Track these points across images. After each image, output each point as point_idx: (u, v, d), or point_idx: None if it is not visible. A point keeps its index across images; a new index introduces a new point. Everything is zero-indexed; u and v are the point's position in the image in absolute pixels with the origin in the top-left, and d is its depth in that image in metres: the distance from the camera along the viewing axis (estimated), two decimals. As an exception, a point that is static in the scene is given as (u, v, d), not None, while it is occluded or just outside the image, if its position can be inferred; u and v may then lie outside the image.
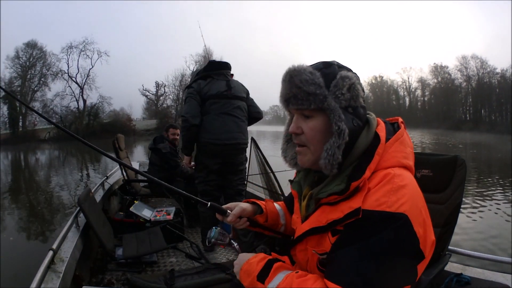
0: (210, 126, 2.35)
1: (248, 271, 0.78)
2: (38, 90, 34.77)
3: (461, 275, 1.27)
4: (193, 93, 2.39)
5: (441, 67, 53.41)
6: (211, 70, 2.48)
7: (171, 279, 1.73)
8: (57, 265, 1.46)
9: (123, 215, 2.66)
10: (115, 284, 1.91)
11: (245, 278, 0.79)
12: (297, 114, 0.74)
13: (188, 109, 2.36)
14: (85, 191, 2.20)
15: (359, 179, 0.65)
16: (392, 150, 0.70)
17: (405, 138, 0.73)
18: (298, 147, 0.75)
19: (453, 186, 1.21)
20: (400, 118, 0.79)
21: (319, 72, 0.70)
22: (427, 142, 23.57)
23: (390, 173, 0.65)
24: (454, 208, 1.19)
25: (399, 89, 60.62)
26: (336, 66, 0.72)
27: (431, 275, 1.07)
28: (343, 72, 0.70)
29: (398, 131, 0.73)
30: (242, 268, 0.80)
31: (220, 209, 0.91)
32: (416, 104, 59.00)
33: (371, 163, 0.67)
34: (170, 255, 2.34)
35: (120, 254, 2.08)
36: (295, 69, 0.70)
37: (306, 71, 0.69)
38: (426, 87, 56.74)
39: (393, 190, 0.63)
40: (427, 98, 57.05)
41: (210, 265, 1.95)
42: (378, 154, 0.68)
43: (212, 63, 2.54)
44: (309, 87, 0.68)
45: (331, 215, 0.68)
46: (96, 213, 2.16)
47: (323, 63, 0.73)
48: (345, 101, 0.69)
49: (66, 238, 1.78)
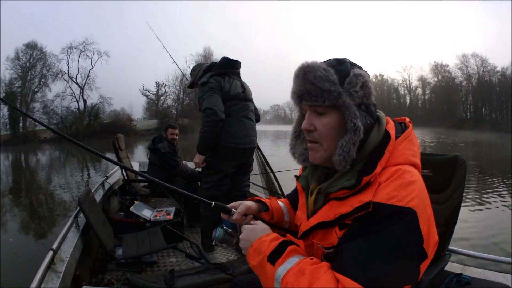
0: (232, 130, 2.23)
1: (259, 249, 0.73)
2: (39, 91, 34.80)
3: (461, 275, 1.27)
4: (216, 87, 2.21)
5: (441, 65, 53.35)
6: (229, 68, 2.32)
7: (171, 279, 1.73)
8: (57, 265, 1.46)
9: (123, 215, 2.66)
10: (115, 284, 1.91)
11: (254, 256, 0.73)
12: (310, 111, 0.73)
13: (215, 101, 2.15)
14: (85, 191, 2.20)
15: (370, 174, 0.66)
16: (402, 148, 0.71)
17: (413, 137, 0.75)
18: (310, 143, 0.75)
19: (453, 186, 1.21)
20: (407, 118, 0.81)
21: (332, 69, 0.70)
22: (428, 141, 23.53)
23: (401, 169, 0.66)
24: (454, 208, 1.19)
25: (399, 88, 60.54)
26: (348, 64, 0.72)
27: (431, 275, 1.07)
28: (356, 70, 0.71)
29: (407, 130, 0.75)
30: (252, 245, 0.74)
31: (225, 208, 0.90)
32: (417, 103, 58.87)
33: (382, 159, 0.68)
34: (170, 255, 2.34)
35: (120, 254, 2.08)
36: (308, 65, 0.70)
37: (320, 67, 0.69)
38: (427, 86, 56.70)
39: (403, 185, 0.64)
40: (427, 96, 56.97)
41: (210, 265, 1.95)
42: (389, 151, 0.70)
43: (228, 60, 2.35)
44: (324, 84, 0.68)
45: (340, 209, 0.69)
46: (96, 213, 2.16)
47: (336, 60, 0.73)
48: (359, 99, 0.70)
49: (66, 238, 1.79)
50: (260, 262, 0.71)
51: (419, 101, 58.72)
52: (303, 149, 0.83)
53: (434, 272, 1.09)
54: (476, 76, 48.49)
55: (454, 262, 1.40)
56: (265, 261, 0.70)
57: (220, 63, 2.34)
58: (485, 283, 1.26)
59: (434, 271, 1.09)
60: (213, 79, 2.23)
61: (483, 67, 47.77)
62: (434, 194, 1.23)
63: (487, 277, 1.30)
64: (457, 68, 50.57)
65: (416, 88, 58.77)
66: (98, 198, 2.64)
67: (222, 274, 1.80)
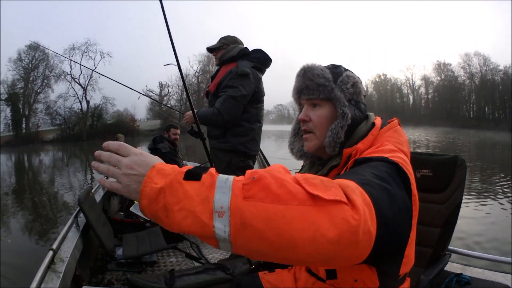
0: (259, 138, 2.07)
1: (165, 170, 0.49)
2: (41, 92, 35.02)
3: (461, 275, 1.27)
4: (247, 90, 1.90)
5: (444, 64, 53.10)
6: (263, 65, 2.03)
7: (171, 279, 1.73)
8: (57, 265, 1.47)
9: (123, 215, 2.67)
10: (115, 284, 1.91)
11: (159, 178, 0.48)
12: (307, 104, 0.83)
13: (249, 89, 1.89)
14: (85, 191, 2.21)
15: (351, 147, 0.73)
16: (386, 135, 0.76)
17: (398, 128, 0.80)
18: (305, 134, 0.83)
19: (453, 186, 1.21)
20: (396, 118, 0.86)
21: (328, 70, 0.81)
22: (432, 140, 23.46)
23: (384, 143, 0.72)
24: (454, 208, 1.19)
25: (402, 87, 60.24)
26: (342, 68, 0.84)
27: (431, 275, 1.06)
28: (348, 72, 0.82)
29: (392, 122, 0.82)
30: (156, 166, 0.50)
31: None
32: (420, 102, 58.62)
33: (365, 139, 0.75)
34: (170, 255, 2.35)
35: (120, 254, 2.09)
36: (308, 66, 0.81)
37: (318, 67, 0.80)
38: (430, 85, 56.44)
39: (385, 150, 0.68)
40: (430, 96, 56.73)
41: (210, 265, 1.95)
42: (372, 135, 0.76)
43: (265, 56, 2.04)
44: (320, 80, 0.79)
45: None
46: (96, 213, 2.17)
47: (332, 64, 0.84)
48: (349, 94, 0.80)
49: (66, 238, 1.80)
50: (171, 180, 0.46)
51: (422, 100, 58.50)
52: (301, 145, 0.89)
53: (434, 272, 1.08)
54: (478, 75, 48.27)
55: (454, 262, 1.40)
56: (181, 179, 0.46)
57: (257, 56, 2.02)
58: (485, 283, 1.25)
59: (434, 271, 1.09)
60: (254, 74, 1.93)
61: (485, 66, 47.56)
62: (434, 194, 1.23)
63: (487, 277, 1.30)
64: (459, 67, 50.42)
65: (419, 87, 58.63)
66: (98, 198, 2.65)
67: (222, 274, 1.79)
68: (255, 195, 0.41)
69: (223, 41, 2.08)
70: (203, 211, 0.43)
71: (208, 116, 1.92)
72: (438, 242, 1.19)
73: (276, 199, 0.41)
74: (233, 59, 1.99)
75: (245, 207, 0.41)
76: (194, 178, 0.46)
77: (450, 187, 1.22)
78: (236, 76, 1.90)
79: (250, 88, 1.90)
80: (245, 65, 1.91)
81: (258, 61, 1.98)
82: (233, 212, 0.41)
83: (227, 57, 2.01)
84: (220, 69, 2.03)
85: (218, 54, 2.07)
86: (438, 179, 1.24)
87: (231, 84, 1.89)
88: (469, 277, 1.26)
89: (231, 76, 1.91)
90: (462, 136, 28.40)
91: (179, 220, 0.44)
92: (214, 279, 1.74)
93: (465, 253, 1.35)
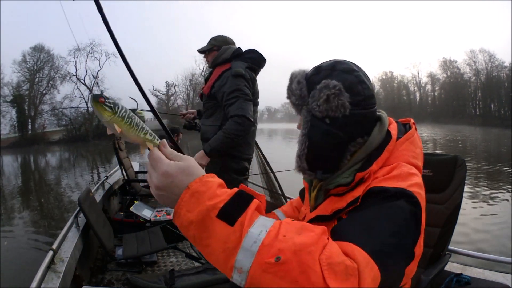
0: (252, 141, 2.01)
1: (201, 193, 0.47)
2: (47, 93, 35.27)
3: (461, 275, 1.26)
4: (248, 90, 1.84)
5: (450, 61, 52.54)
6: (257, 65, 1.96)
7: (171, 279, 1.74)
8: (57, 265, 1.48)
9: (123, 215, 2.68)
10: (115, 284, 1.92)
11: (192, 203, 0.46)
12: None
13: (248, 108, 1.81)
14: (85, 191, 2.22)
15: (364, 171, 0.67)
16: (402, 149, 0.71)
17: (415, 138, 0.74)
18: None
19: (453, 186, 1.21)
20: (412, 119, 0.81)
21: (305, 81, 0.74)
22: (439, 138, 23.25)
23: (400, 164, 0.66)
24: (454, 208, 1.18)
25: (409, 84, 59.79)
26: (325, 72, 0.71)
27: (431, 275, 1.06)
28: (326, 81, 0.69)
29: (410, 131, 0.74)
30: (190, 187, 0.47)
31: None
32: (427, 99, 58.15)
33: (379, 158, 0.68)
34: (170, 255, 2.35)
35: (120, 254, 2.09)
36: (292, 75, 0.77)
37: (296, 79, 0.75)
38: (436, 82, 55.94)
39: (402, 175, 0.63)
40: (437, 93, 56.25)
41: (210, 265, 1.95)
42: (388, 151, 0.69)
43: (260, 56, 1.97)
44: (292, 97, 0.76)
45: (337, 204, 0.69)
46: (96, 213, 2.18)
47: (315, 68, 0.74)
48: (320, 113, 0.70)
49: (66, 238, 1.80)
50: (204, 215, 0.45)
51: (428, 97, 58.04)
52: None
53: (434, 272, 1.08)
54: (484, 71, 47.69)
55: (454, 262, 1.38)
56: (214, 216, 0.45)
57: (251, 56, 1.94)
58: (485, 283, 1.25)
59: (434, 271, 1.08)
60: (246, 73, 1.86)
61: (491, 62, 46.90)
62: (434, 194, 1.22)
63: (487, 277, 1.29)
64: (465, 64, 49.85)
65: (426, 85, 58.14)
66: (98, 198, 2.66)
67: (222, 274, 1.78)
68: (276, 273, 0.42)
69: (213, 43, 2.04)
70: (225, 261, 0.45)
71: (232, 129, 1.78)
72: (438, 242, 1.18)
73: (294, 282, 0.42)
74: (227, 60, 1.95)
75: (263, 279, 0.42)
76: (227, 221, 0.45)
77: (450, 187, 1.21)
78: (231, 79, 1.84)
79: (246, 102, 1.84)
80: (239, 65, 1.87)
81: (252, 62, 1.93)
82: (251, 278, 0.43)
83: (221, 59, 1.97)
84: (214, 71, 2.00)
85: (209, 56, 2.05)
86: (438, 179, 1.23)
87: (228, 87, 1.83)
88: (469, 277, 1.26)
89: (228, 80, 1.86)
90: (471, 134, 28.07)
91: (204, 252, 0.47)
92: (214, 279, 1.74)
93: (465, 253, 1.34)
